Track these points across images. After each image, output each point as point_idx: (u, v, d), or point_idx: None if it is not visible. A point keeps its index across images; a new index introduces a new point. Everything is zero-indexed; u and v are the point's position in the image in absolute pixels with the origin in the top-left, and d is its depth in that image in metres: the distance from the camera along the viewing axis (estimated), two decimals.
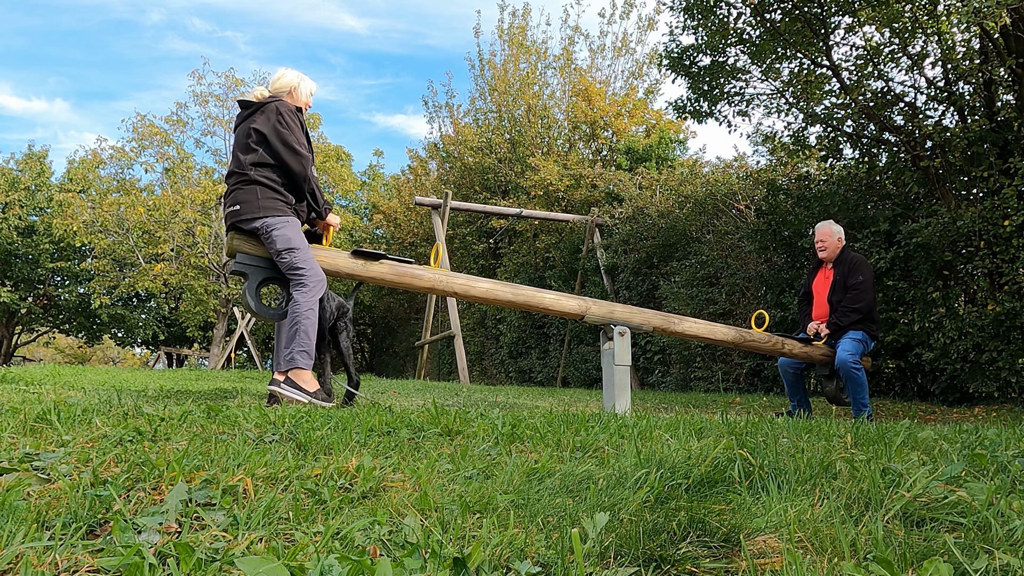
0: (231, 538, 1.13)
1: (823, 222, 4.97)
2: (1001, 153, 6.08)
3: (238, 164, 3.56)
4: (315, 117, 21.20)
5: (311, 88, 3.87)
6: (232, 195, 3.54)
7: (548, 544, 1.15)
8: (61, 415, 2.05)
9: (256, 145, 3.54)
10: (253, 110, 3.63)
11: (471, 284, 4.01)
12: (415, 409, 2.92)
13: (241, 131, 3.63)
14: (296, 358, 3.45)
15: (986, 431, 2.48)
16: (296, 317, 3.47)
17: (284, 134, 3.53)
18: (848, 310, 4.64)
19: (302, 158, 3.57)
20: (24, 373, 5.81)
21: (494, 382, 14.37)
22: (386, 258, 3.79)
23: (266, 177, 3.52)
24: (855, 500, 1.43)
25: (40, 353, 40.25)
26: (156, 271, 17.52)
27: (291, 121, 3.57)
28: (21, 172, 24.32)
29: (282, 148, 3.52)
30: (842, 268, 4.75)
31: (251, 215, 3.47)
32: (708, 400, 6.56)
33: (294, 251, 3.49)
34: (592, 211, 12.36)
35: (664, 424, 2.45)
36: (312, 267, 3.54)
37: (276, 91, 3.77)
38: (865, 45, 6.72)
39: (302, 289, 3.50)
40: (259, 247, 3.57)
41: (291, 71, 3.84)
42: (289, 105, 3.64)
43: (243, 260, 3.55)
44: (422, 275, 3.86)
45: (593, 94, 15.97)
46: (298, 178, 3.58)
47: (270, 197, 3.50)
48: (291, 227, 3.52)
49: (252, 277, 3.56)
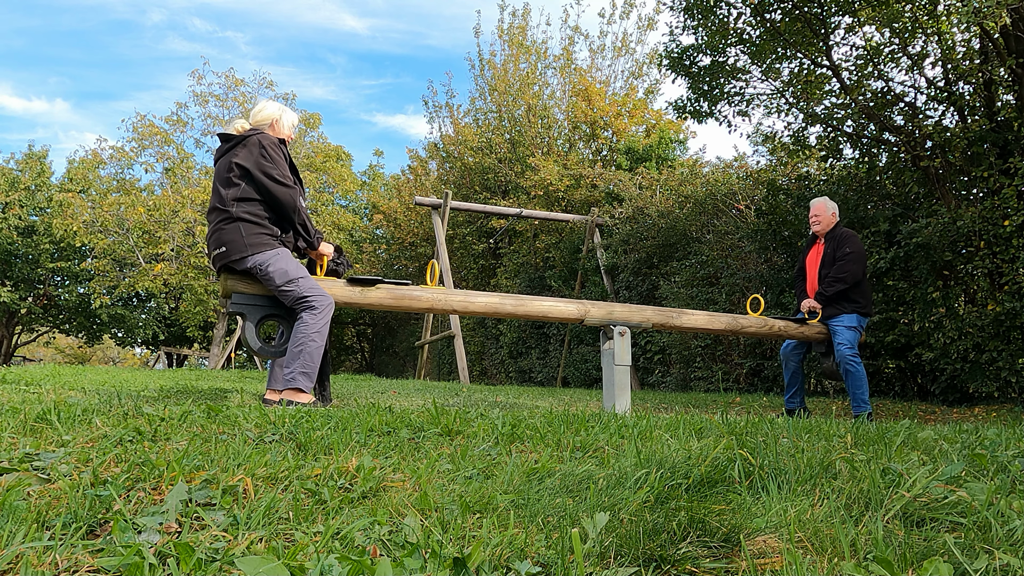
0: (231, 538, 1.13)
1: (818, 197, 5.02)
2: (1001, 153, 6.08)
3: (219, 200, 3.45)
4: (315, 117, 21.19)
5: (293, 120, 3.80)
6: (216, 236, 3.44)
7: (548, 544, 1.15)
8: (61, 415, 2.05)
9: (238, 180, 3.43)
10: (234, 143, 3.52)
11: (469, 300, 4.01)
12: (415, 409, 2.92)
13: (222, 165, 3.52)
14: (297, 378, 3.36)
15: (986, 431, 2.48)
16: (302, 338, 3.39)
17: (268, 167, 3.43)
18: (832, 279, 4.68)
19: (290, 190, 3.48)
20: (24, 373, 5.81)
21: (494, 382, 14.37)
22: (382, 282, 3.76)
23: (249, 212, 3.41)
24: (855, 500, 1.43)
25: (40, 353, 40.25)
26: (156, 271, 17.53)
27: (274, 153, 3.48)
28: (21, 172, 24.32)
29: (268, 182, 3.42)
30: (833, 242, 4.80)
31: (240, 255, 3.37)
32: (708, 400, 6.56)
33: (295, 282, 3.41)
34: (592, 211, 12.36)
35: (664, 424, 2.45)
36: (318, 291, 3.47)
37: (257, 124, 3.67)
38: (865, 45, 6.72)
39: (312, 311, 3.43)
40: (254, 285, 3.49)
41: (272, 103, 3.76)
42: (271, 137, 3.55)
43: (239, 300, 3.48)
44: (420, 296, 3.85)
45: (593, 94, 15.97)
46: (287, 210, 3.48)
47: (255, 233, 3.40)
48: (283, 259, 3.43)
49: (250, 316, 3.49)
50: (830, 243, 4.81)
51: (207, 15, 74.29)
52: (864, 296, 4.72)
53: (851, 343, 4.59)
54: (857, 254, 4.69)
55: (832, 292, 4.67)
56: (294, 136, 3.84)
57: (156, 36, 73.85)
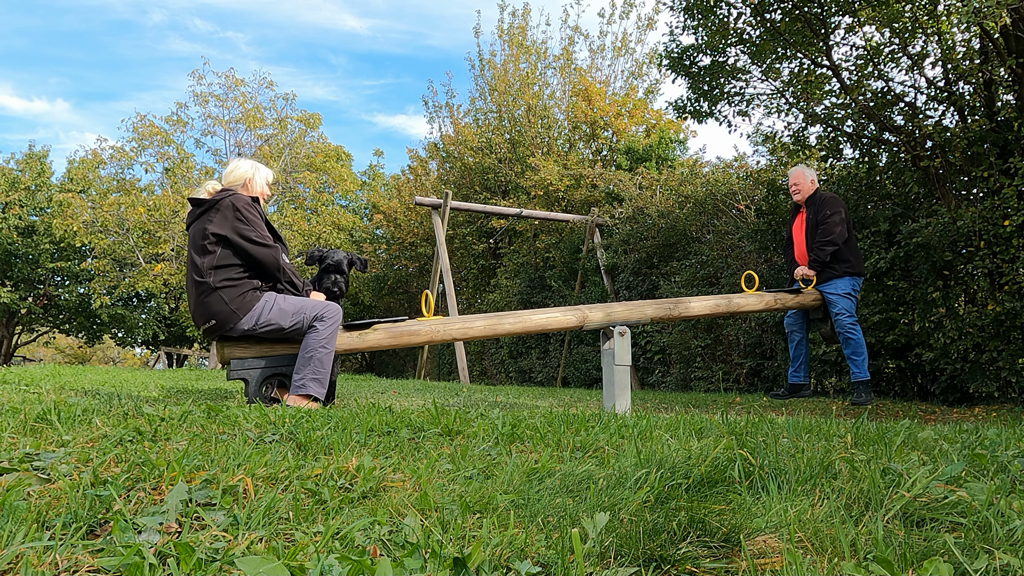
0: (231, 538, 1.13)
1: (797, 166, 5.05)
2: (1001, 153, 6.08)
3: (196, 270, 3.39)
4: (315, 117, 21.18)
5: (267, 177, 3.71)
6: (200, 310, 3.39)
7: (548, 544, 1.15)
8: (61, 415, 2.05)
9: (213, 247, 3.37)
10: (206, 208, 3.44)
11: (468, 325, 4.02)
12: (415, 409, 2.92)
13: (195, 232, 3.44)
14: (308, 384, 3.34)
15: (986, 431, 2.48)
16: (314, 344, 3.37)
17: (245, 231, 3.37)
18: (822, 243, 4.72)
19: (271, 250, 3.44)
20: (24, 373, 5.81)
21: (494, 382, 14.37)
22: (379, 323, 3.75)
23: (226, 280, 3.36)
24: (855, 500, 1.43)
25: (40, 353, 40.25)
26: (156, 271, 17.53)
27: (249, 215, 3.41)
28: (21, 172, 24.32)
29: (248, 245, 3.37)
30: (813, 207, 4.83)
31: (232, 323, 3.35)
32: (708, 400, 6.56)
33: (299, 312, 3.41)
34: (592, 211, 12.36)
35: (664, 424, 2.45)
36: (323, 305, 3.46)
37: (230, 184, 3.60)
38: (865, 45, 6.71)
39: (324, 320, 3.43)
40: (252, 347, 3.47)
41: (244, 161, 3.69)
42: (244, 198, 3.46)
43: (237, 367, 3.45)
44: (419, 330, 3.84)
45: (593, 94, 15.97)
46: (273, 270, 3.46)
47: (238, 296, 3.35)
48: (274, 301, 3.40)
49: (252, 380, 3.47)
50: (810, 208, 4.87)
51: (208, 15, 74.34)
52: (854, 255, 4.77)
53: (849, 311, 4.64)
54: (839, 214, 4.75)
55: (824, 256, 4.70)
56: (268, 193, 3.75)
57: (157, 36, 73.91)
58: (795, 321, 4.97)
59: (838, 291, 4.69)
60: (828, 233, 4.69)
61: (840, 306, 4.66)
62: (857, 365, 4.61)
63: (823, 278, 4.77)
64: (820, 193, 4.88)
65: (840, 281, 4.70)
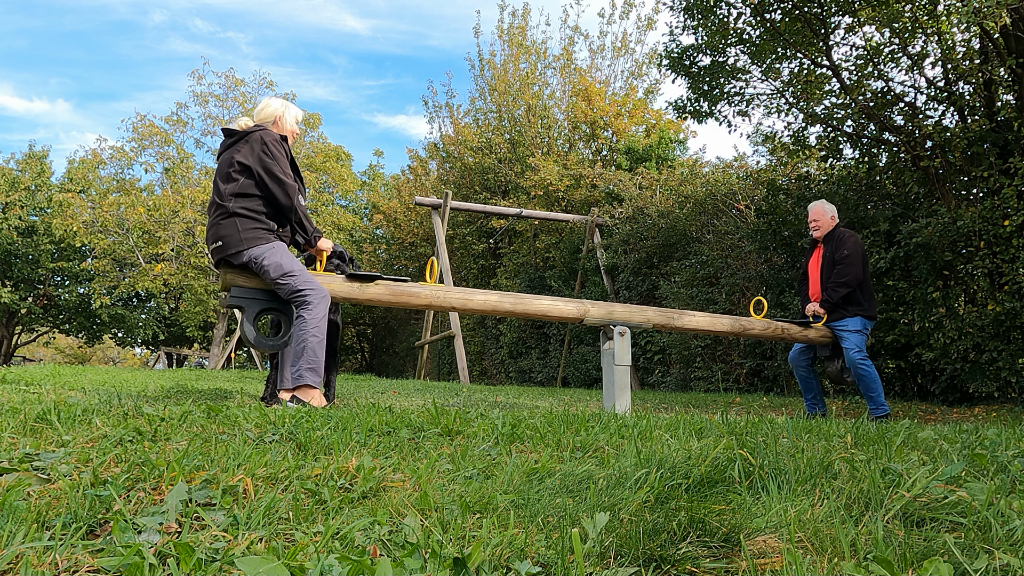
0: (231, 538, 1.13)
1: (816, 201, 4.99)
2: (1001, 153, 6.08)
3: (218, 194, 3.49)
4: (315, 117, 21.19)
5: (297, 115, 3.81)
6: (214, 231, 3.48)
7: (548, 544, 1.15)
8: (61, 415, 2.05)
9: (237, 175, 3.47)
10: (237, 139, 3.55)
11: (468, 297, 4.01)
12: (415, 409, 2.92)
13: (224, 160, 3.56)
14: (304, 375, 3.38)
15: (986, 431, 2.48)
16: (303, 334, 3.41)
17: (268, 164, 3.46)
18: (836, 284, 4.65)
19: (287, 187, 3.51)
20: (24, 373, 5.81)
21: (494, 382, 14.37)
22: (381, 279, 3.76)
23: (245, 208, 3.45)
24: (855, 500, 1.43)
25: (40, 353, 40.25)
26: (156, 271, 17.53)
27: (276, 150, 3.51)
28: (21, 172, 24.33)
29: (267, 178, 3.46)
30: (831, 245, 4.77)
31: (236, 249, 3.41)
32: (708, 400, 6.56)
33: (289, 275, 3.44)
34: (592, 211, 12.35)
35: (664, 424, 2.45)
36: (312, 284, 3.49)
37: (261, 121, 3.70)
38: (865, 45, 6.71)
39: (308, 307, 3.45)
40: (252, 279, 3.53)
41: (276, 100, 3.78)
42: (273, 134, 3.57)
43: (237, 294, 3.51)
44: (419, 292, 3.85)
45: (593, 94, 15.97)
46: (284, 208, 3.52)
47: (251, 228, 3.44)
48: (279, 252, 3.46)
49: (248, 310, 3.52)
50: (828, 245, 4.79)
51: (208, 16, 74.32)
52: (868, 298, 4.69)
53: (859, 346, 4.55)
54: (855, 255, 4.66)
55: (837, 297, 4.63)
56: (298, 131, 3.85)
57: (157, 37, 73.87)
58: (799, 355, 4.91)
59: (848, 327, 4.62)
60: (844, 275, 4.62)
61: (851, 341, 4.58)
62: (874, 401, 4.52)
63: (834, 316, 4.72)
64: (840, 230, 4.79)
65: (851, 320, 4.64)
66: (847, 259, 4.64)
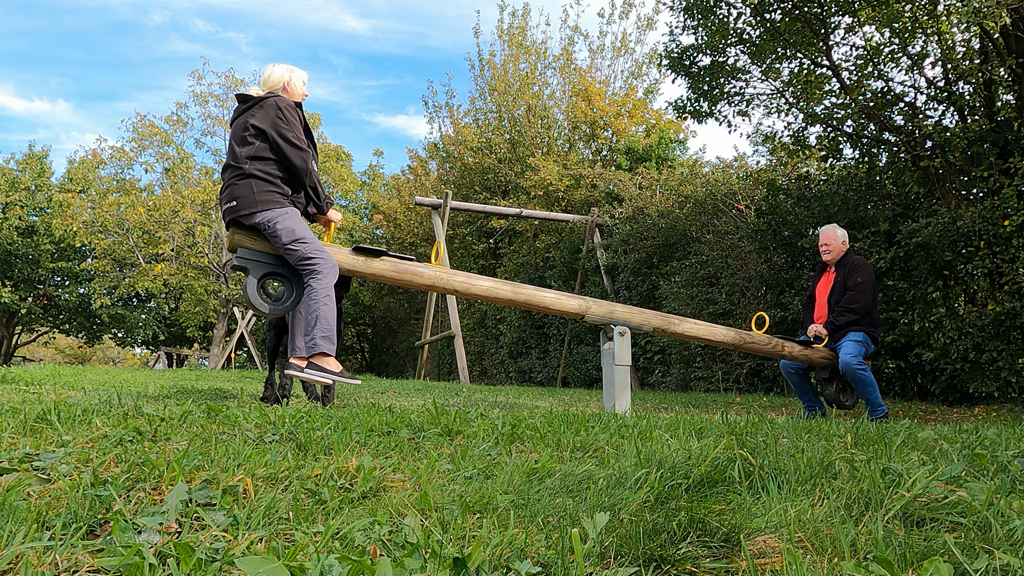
0: (231, 538, 1.13)
1: (827, 225, 4.95)
2: (1001, 153, 6.08)
3: (234, 157, 3.54)
4: (315, 117, 21.18)
5: (303, 77, 3.85)
6: (228, 190, 3.51)
7: (548, 544, 1.15)
8: (61, 415, 2.05)
9: (253, 139, 3.52)
10: (251, 104, 3.61)
11: (471, 282, 4.01)
12: (415, 409, 2.92)
13: (238, 125, 3.61)
14: (319, 343, 3.40)
15: (986, 431, 2.48)
16: (314, 304, 3.43)
17: (283, 129, 3.52)
18: (844, 310, 4.64)
19: (303, 152, 3.56)
20: (24, 373, 5.81)
21: (494, 382, 14.37)
22: (387, 255, 3.78)
23: (261, 170, 3.49)
24: (855, 500, 1.43)
25: (40, 353, 40.25)
26: (156, 271, 17.53)
27: (290, 116, 3.57)
28: (21, 172, 24.33)
29: (283, 143, 3.51)
30: (843, 270, 4.75)
31: (249, 210, 3.44)
32: (708, 400, 6.56)
33: (301, 241, 3.46)
34: (592, 211, 12.36)
35: (664, 424, 2.45)
36: (322, 254, 3.52)
37: (271, 88, 3.74)
38: (865, 45, 6.71)
39: (317, 276, 3.47)
40: (261, 242, 3.55)
41: (279, 65, 3.81)
42: (288, 100, 3.63)
43: (244, 255, 3.52)
44: (423, 272, 3.85)
45: (593, 94, 15.97)
46: (299, 172, 3.57)
47: (266, 190, 3.47)
48: (292, 218, 3.49)
49: (253, 272, 3.53)
50: (840, 271, 4.77)
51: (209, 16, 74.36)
52: (874, 324, 4.69)
53: (856, 353, 4.54)
54: (868, 283, 4.65)
55: (843, 322, 4.63)
56: (307, 93, 3.90)
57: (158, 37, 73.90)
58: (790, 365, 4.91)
59: (849, 338, 4.63)
60: (855, 301, 4.61)
61: (848, 347, 4.56)
62: (872, 404, 4.53)
63: (836, 336, 4.71)
64: (853, 257, 4.77)
65: (854, 333, 4.64)
66: (860, 286, 4.63)
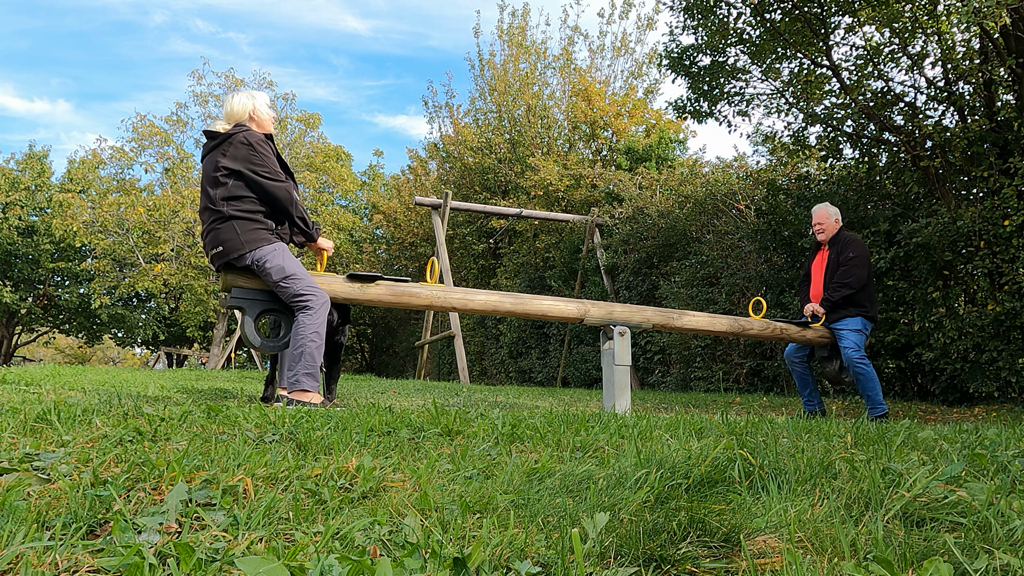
0: (231, 538, 1.13)
1: (820, 204, 4.99)
2: (1001, 153, 6.08)
3: (210, 200, 3.41)
4: (315, 117, 21.17)
5: (266, 100, 3.70)
6: (211, 236, 3.42)
7: (548, 544, 1.15)
8: (61, 415, 2.05)
9: (225, 179, 3.39)
10: (219, 141, 3.47)
11: (469, 298, 4.01)
12: (415, 409, 2.92)
13: (208, 165, 3.48)
14: (301, 380, 3.35)
15: (986, 431, 2.48)
16: (301, 339, 3.37)
17: (258, 165, 3.40)
18: (838, 285, 4.66)
19: (284, 184, 3.46)
20: (24, 373, 5.81)
21: (494, 382, 14.37)
22: (382, 279, 3.76)
23: (240, 210, 3.38)
24: (855, 500, 1.43)
25: (40, 353, 40.25)
26: (156, 271, 17.53)
27: (262, 149, 3.44)
28: (21, 172, 24.33)
29: (261, 179, 3.39)
30: (836, 247, 4.79)
31: (238, 252, 3.36)
32: (708, 400, 6.56)
33: (292, 278, 3.41)
34: (592, 211, 12.36)
35: (664, 424, 2.45)
36: (314, 289, 3.46)
37: (236, 121, 3.59)
38: (865, 45, 6.71)
39: (307, 311, 3.42)
40: (253, 280, 3.50)
41: (239, 94, 3.66)
42: (257, 134, 3.48)
43: (238, 295, 3.47)
44: (419, 293, 3.85)
45: (593, 94, 15.97)
46: (285, 205, 3.47)
47: (251, 229, 3.38)
48: (281, 254, 3.42)
49: (249, 311, 3.49)
50: (833, 248, 4.80)
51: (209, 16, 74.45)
52: (870, 300, 4.70)
53: (857, 346, 4.56)
54: (861, 258, 4.67)
55: (838, 297, 4.65)
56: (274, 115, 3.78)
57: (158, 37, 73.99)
58: (794, 352, 4.92)
59: (848, 327, 4.63)
60: (848, 275, 4.63)
61: (849, 340, 4.58)
62: (872, 401, 4.54)
63: (833, 317, 4.72)
64: (844, 233, 4.81)
65: (851, 319, 4.65)
66: (852, 261, 4.65)
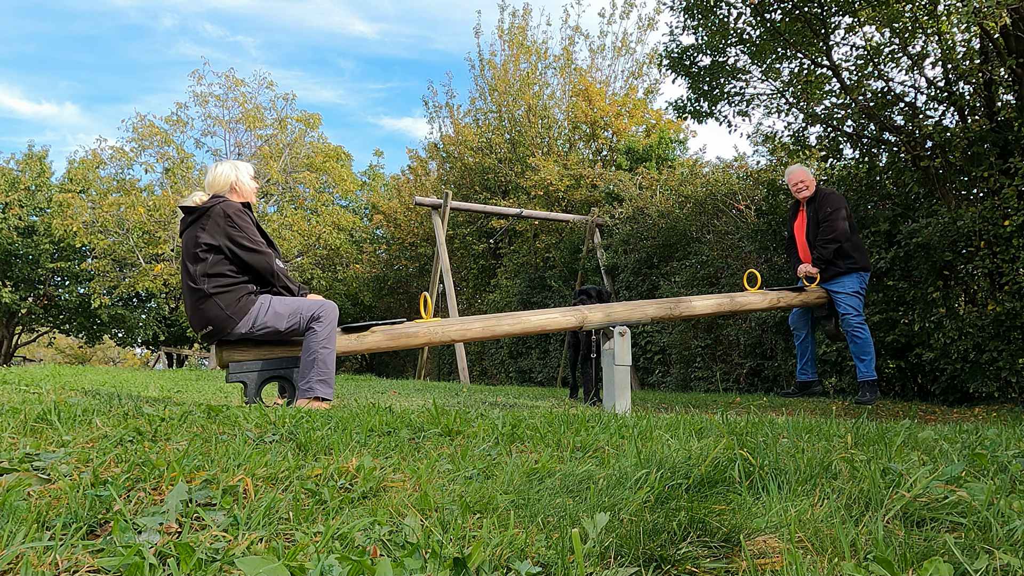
0: (231, 538, 1.13)
1: (793, 166, 5.04)
2: (1001, 153, 6.08)
3: (190, 277, 3.40)
4: (315, 117, 21.14)
5: (248, 171, 3.67)
6: (198, 315, 3.39)
7: (548, 544, 1.15)
8: (61, 415, 2.05)
9: (205, 254, 3.37)
10: (197, 216, 3.44)
11: (466, 327, 4.02)
12: (415, 409, 2.92)
13: (188, 240, 3.44)
14: (315, 387, 3.35)
15: (986, 431, 2.48)
16: (314, 347, 3.37)
17: (238, 238, 3.37)
18: (825, 241, 4.71)
19: (264, 255, 3.43)
20: (24, 373, 5.81)
21: (494, 382, 14.37)
22: (376, 325, 3.76)
23: (219, 286, 3.36)
24: (855, 500, 1.43)
25: (40, 353, 40.25)
26: (156, 271, 17.52)
27: (241, 221, 3.41)
28: (21, 172, 24.33)
29: (242, 252, 3.37)
30: (813, 205, 4.83)
31: (229, 328, 3.35)
32: (708, 400, 6.56)
33: (293, 315, 3.40)
34: (592, 211, 12.36)
35: (664, 424, 2.45)
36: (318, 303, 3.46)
37: (218, 191, 3.56)
38: (865, 45, 6.71)
39: (319, 321, 3.42)
40: (251, 351, 3.47)
41: (223, 164, 3.63)
42: (234, 204, 3.46)
43: (236, 370, 3.44)
44: (416, 332, 3.85)
45: (593, 94, 15.97)
46: (267, 275, 3.45)
47: (234, 300, 3.36)
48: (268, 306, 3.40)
49: (251, 383, 3.47)
50: (811, 206, 4.86)
51: (218, 20, 74.58)
52: (859, 250, 4.75)
53: (856, 309, 4.61)
54: (840, 210, 4.74)
55: (828, 253, 4.69)
56: (256, 185, 3.73)
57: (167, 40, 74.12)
58: (799, 318, 4.96)
59: (845, 289, 4.66)
60: (831, 230, 4.68)
61: (847, 304, 4.64)
62: (864, 364, 4.59)
63: (828, 275, 4.75)
64: (820, 190, 4.88)
65: (847, 279, 4.68)
66: (832, 215, 4.70)
